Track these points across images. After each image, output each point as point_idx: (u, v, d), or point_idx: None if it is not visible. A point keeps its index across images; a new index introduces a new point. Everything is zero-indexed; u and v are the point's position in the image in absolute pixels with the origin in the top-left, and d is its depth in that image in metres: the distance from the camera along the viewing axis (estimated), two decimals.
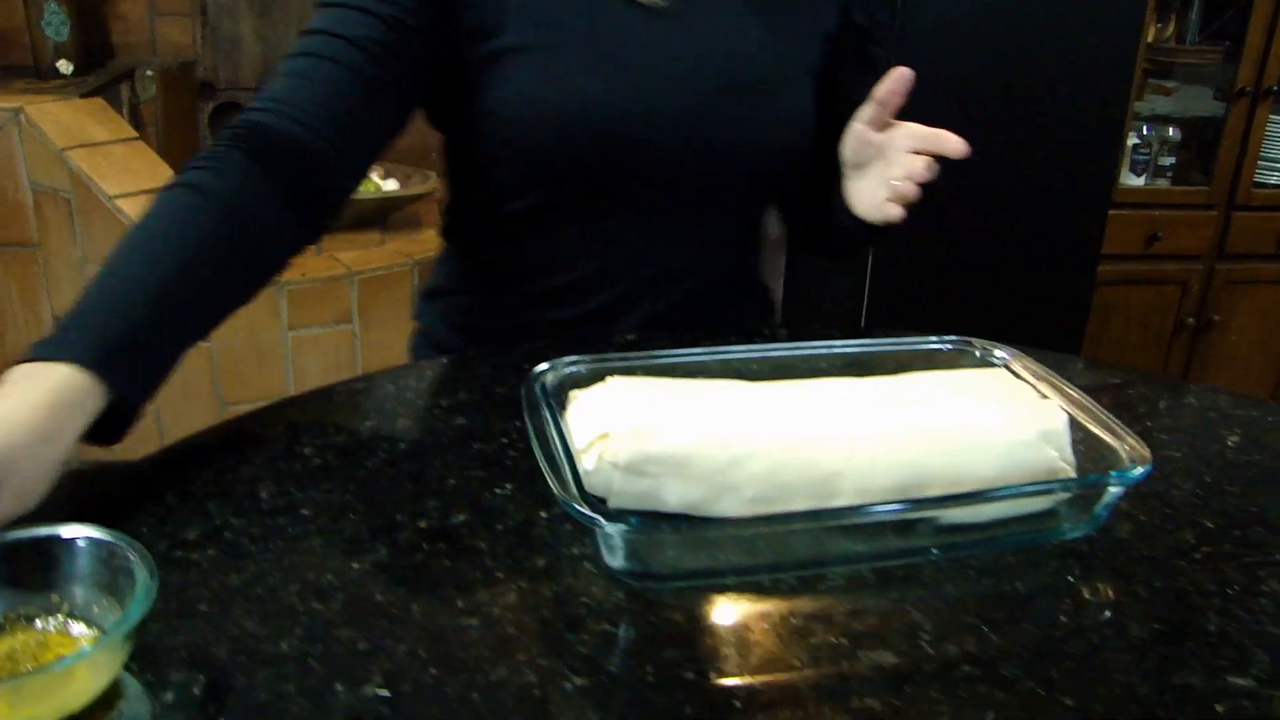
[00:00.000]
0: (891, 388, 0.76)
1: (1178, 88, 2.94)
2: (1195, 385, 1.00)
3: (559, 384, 0.76)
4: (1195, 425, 0.93)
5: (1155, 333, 2.97)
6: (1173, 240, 2.87)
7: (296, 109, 0.87)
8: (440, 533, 0.67)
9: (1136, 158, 2.81)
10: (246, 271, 0.83)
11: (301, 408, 0.83)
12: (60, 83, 2.37)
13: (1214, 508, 0.78)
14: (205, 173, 0.82)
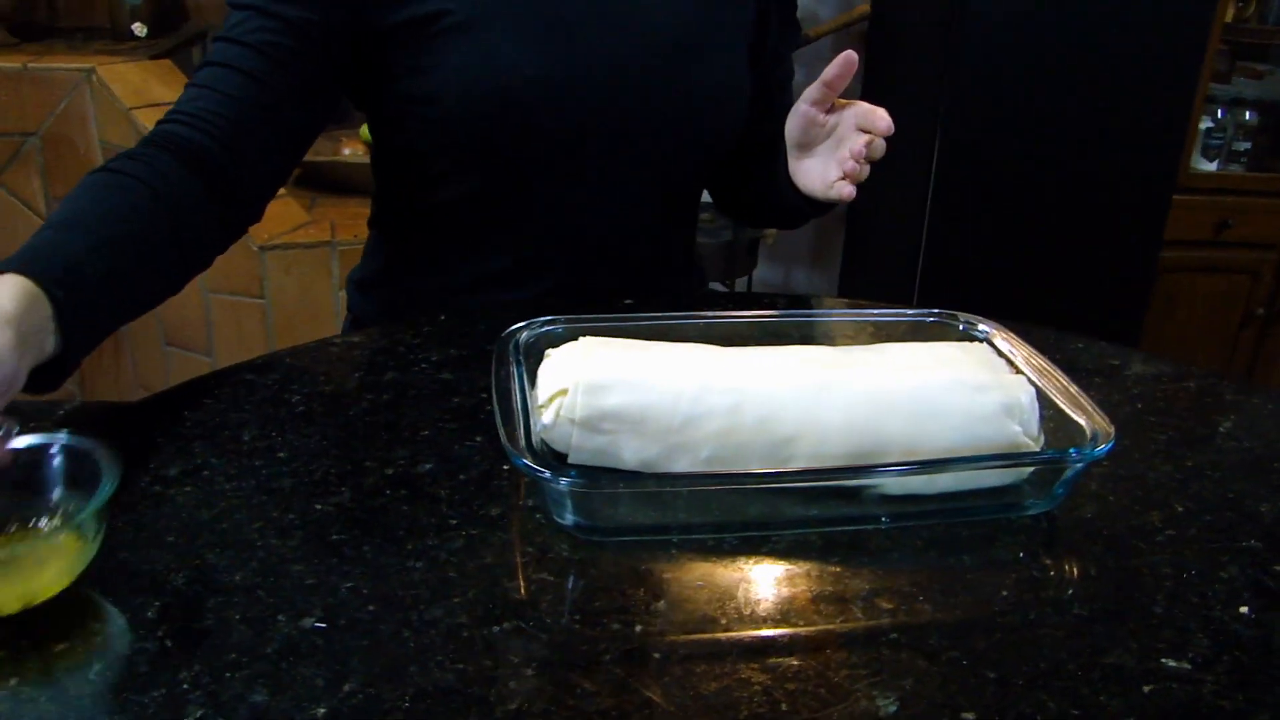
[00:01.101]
0: (857, 356, 0.77)
1: (1271, 71, 2.84)
2: (1195, 370, 0.98)
3: (535, 342, 0.78)
4: (1189, 409, 0.92)
5: (1221, 323, 2.90)
6: (1245, 228, 2.79)
7: (205, 122, 0.88)
8: (404, 479, 0.70)
9: (1209, 142, 2.74)
10: (179, 256, 0.84)
11: (298, 357, 0.86)
12: (134, 44, 2.44)
13: (1189, 491, 0.78)
14: (134, 163, 0.83)
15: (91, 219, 0.77)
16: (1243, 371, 2.97)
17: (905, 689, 0.56)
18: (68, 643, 0.55)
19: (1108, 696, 0.57)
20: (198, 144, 0.87)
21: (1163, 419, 0.89)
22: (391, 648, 0.55)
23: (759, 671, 0.56)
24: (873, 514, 0.70)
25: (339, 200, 2.29)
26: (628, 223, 1.08)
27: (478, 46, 0.94)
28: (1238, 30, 2.75)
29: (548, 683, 0.54)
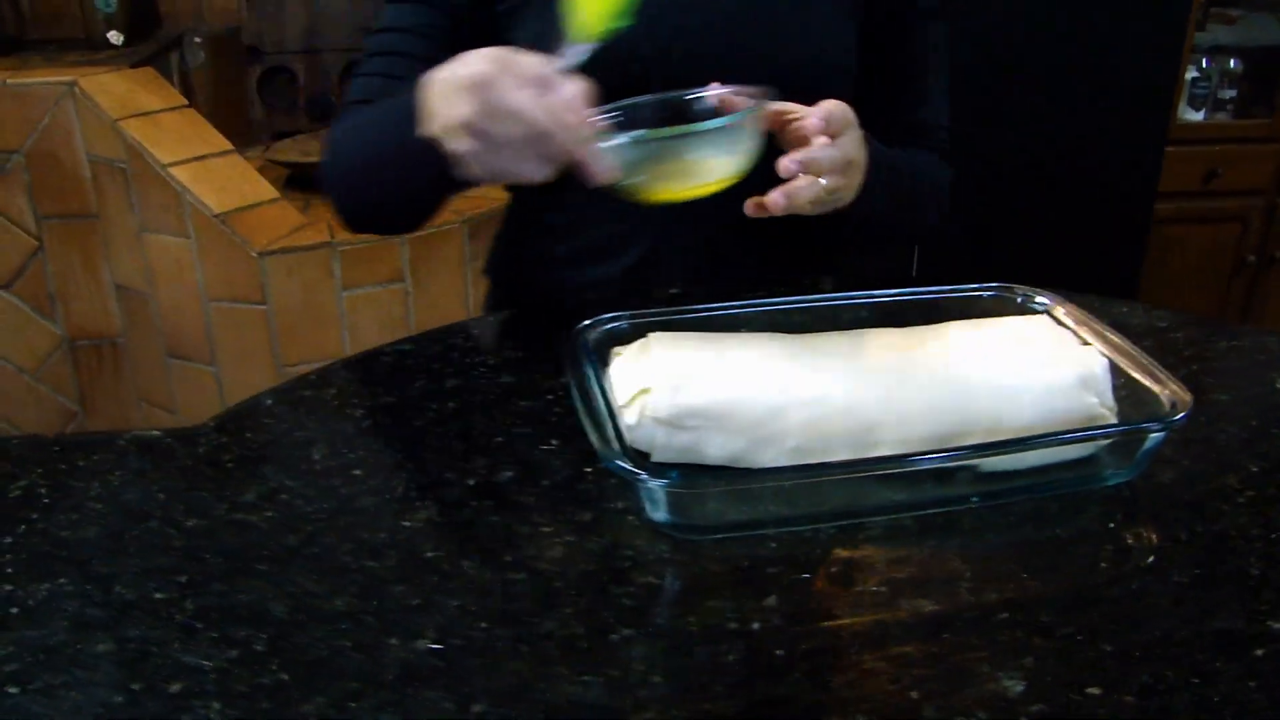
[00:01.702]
0: (930, 337, 0.76)
1: (1242, 16, 2.85)
2: (1243, 328, 0.99)
3: (601, 341, 0.77)
4: (1243, 368, 0.92)
5: (1214, 271, 2.91)
6: (1233, 176, 2.80)
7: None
8: (488, 489, 0.69)
9: (1195, 91, 2.74)
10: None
11: (352, 369, 0.85)
12: (111, 53, 2.40)
13: (1259, 450, 0.78)
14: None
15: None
16: (1237, 318, 2.99)
17: (1027, 667, 0.56)
18: (182, 682, 0.54)
19: (1223, 662, 0.57)
20: None
21: (1219, 379, 0.89)
22: (512, 665, 0.55)
23: (881, 660, 0.56)
24: (963, 494, 0.69)
25: None
26: (709, 206, 1.06)
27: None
28: None
29: (678, 688, 0.53)
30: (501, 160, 0.76)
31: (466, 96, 0.74)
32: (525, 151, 0.75)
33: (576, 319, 0.79)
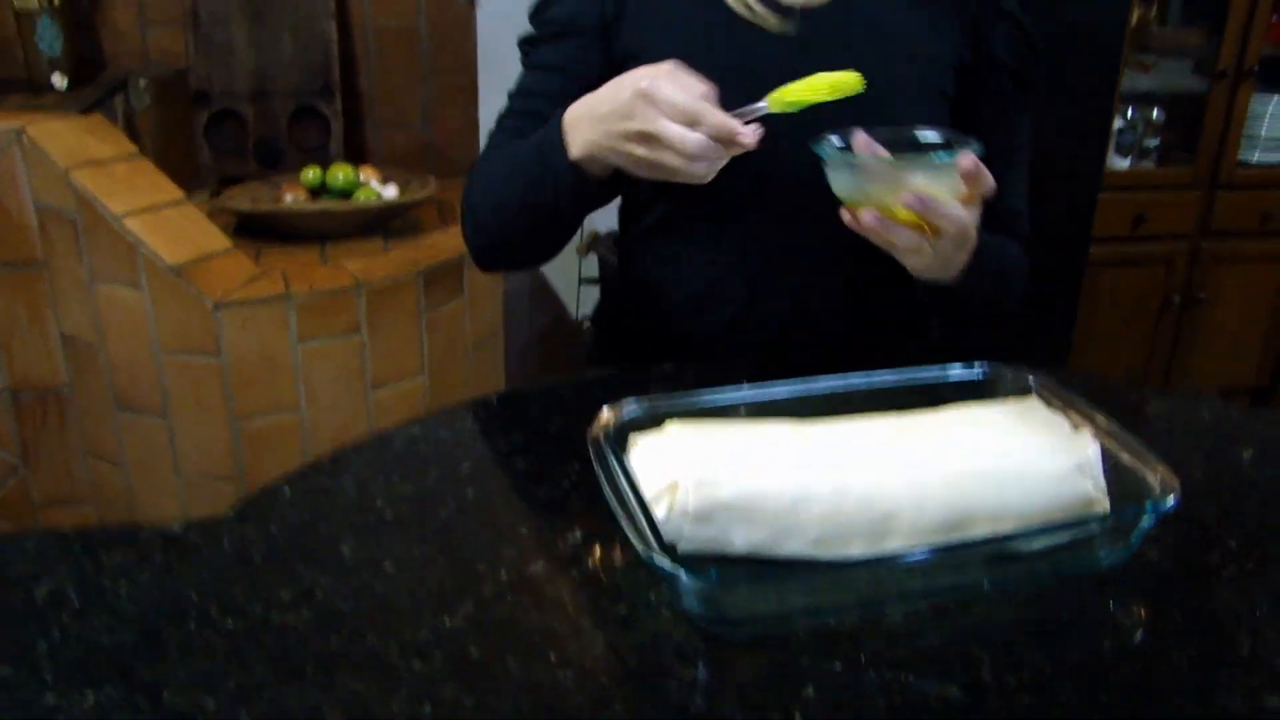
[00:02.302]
0: (934, 425, 0.80)
1: (1156, 63, 2.98)
2: (1208, 399, 1.04)
3: (619, 428, 0.79)
4: (1212, 442, 0.97)
5: (1143, 311, 3.03)
6: (1159, 220, 2.93)
7: None
8: (521, 584, 0.71)
9: (1122, 140, 2.86)
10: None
11: (364, 456, 0.86)
12: (56, 97, 2.37)
13: (1235, 526, 0.83)
14: None
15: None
16: (1165, 356, 3.11)
17: None
18: None
19: None
20: None
21: (1191, 454, 0.94)
22: None
23: None
24: (976, 580, 0.73)
25: (285, 249, 2.25)
26: (802, 265, 1.13)
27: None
28: (1137, 32, 2.87)
29: None
30: (662, 166, 0.90)
31: (621, 121, 0.90)
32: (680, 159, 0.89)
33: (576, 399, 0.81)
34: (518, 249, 1.14)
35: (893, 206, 0.88)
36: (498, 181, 1.08)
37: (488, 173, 1.10)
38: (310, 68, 2.58)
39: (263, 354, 2.06)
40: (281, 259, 2.20)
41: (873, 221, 0.90)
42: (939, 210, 0.88)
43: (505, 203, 1.07)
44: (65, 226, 2.09)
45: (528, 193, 1.03)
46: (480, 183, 1.11)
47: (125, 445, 2.22)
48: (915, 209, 0.87)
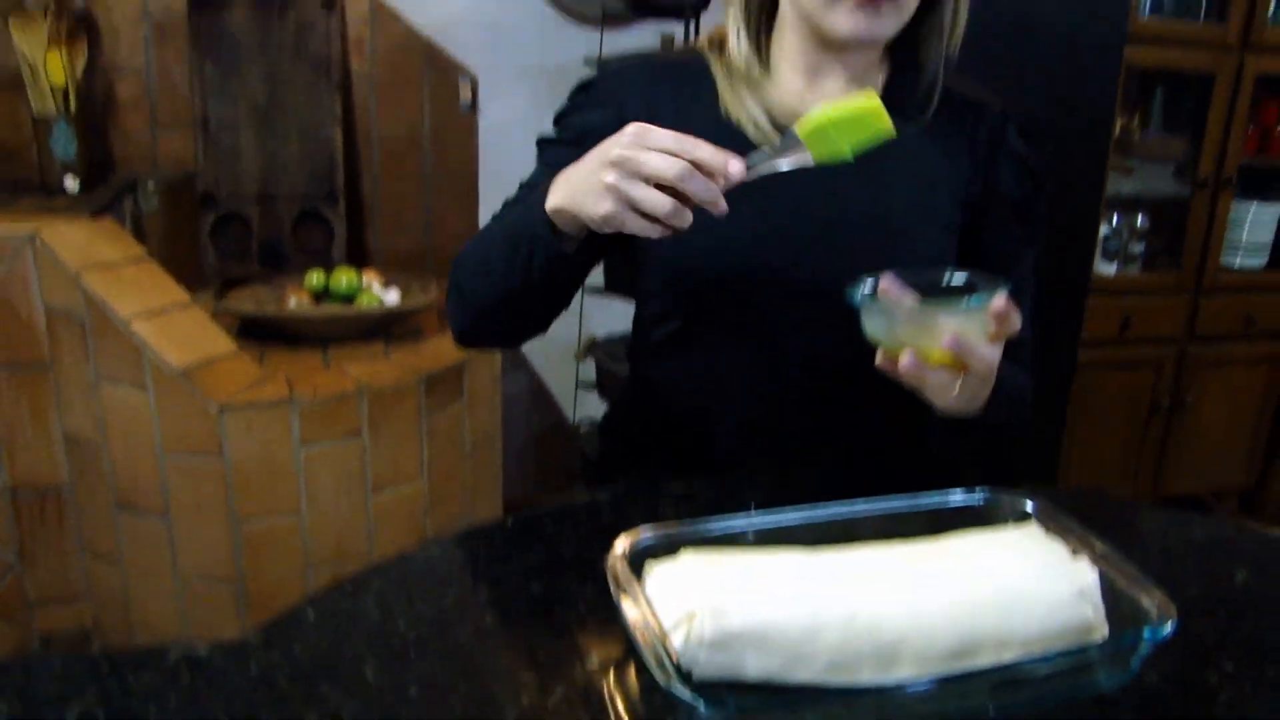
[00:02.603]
0: (938, 554, 0.83)
1: (1139, 166, 3.07)
2: (1200, 517, 1.07)
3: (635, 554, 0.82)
4: (1206, 560, 1.00)
5: (1132, 414, 3.08)
6: (1145, 325, 2.99)
7: None
8: (542, 712, 0.73)
9: (1108, 246, 2.94)
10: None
11: (385, 578, 0.88)
12: (68, 200, 2.42)
13: (1231, 646, 0.85)
14: None
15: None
16: (1154, 458, 3.14)
17: None
18: None
19: None
20: None
21: (1185, 573, 0.97)
22: None
23: None
24: (981, 705, 0.75)
25: (289, 352, 2.29)
26: (813, 386, 1.17)
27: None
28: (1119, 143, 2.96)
29: None
30: (643, 201, 0.89)
31: (609, 166, 0.90)
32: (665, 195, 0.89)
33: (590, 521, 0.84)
34: (495, 318, 1.13)
35: (926, 349, 0.91)
36: (482, 248, 1.10)
37: (474, 244, 1.12)
38: (315, 173, 2.64)
39: (265, 457, 2.08)
40: (285, 362, 2.23)
41: (911, 367, 0.92)
42: (974, 352, 0.91)
43: (487, 269, 1.08)
44: (73, 328, 2.13)
45: (508, 255, 1.04)
46: (466, 254, 1.13)
47: (124, 545, 2.23)
48: (955, 351, 0.91)
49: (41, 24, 2.34)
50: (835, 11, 1.07)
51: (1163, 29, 2.81)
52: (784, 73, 1.17)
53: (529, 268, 1.02)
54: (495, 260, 1.06)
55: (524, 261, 1.02)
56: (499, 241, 1.07)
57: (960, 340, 0.91)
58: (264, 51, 2.58)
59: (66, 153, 2.45)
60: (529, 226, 1.01)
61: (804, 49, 1.14)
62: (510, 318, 1.13)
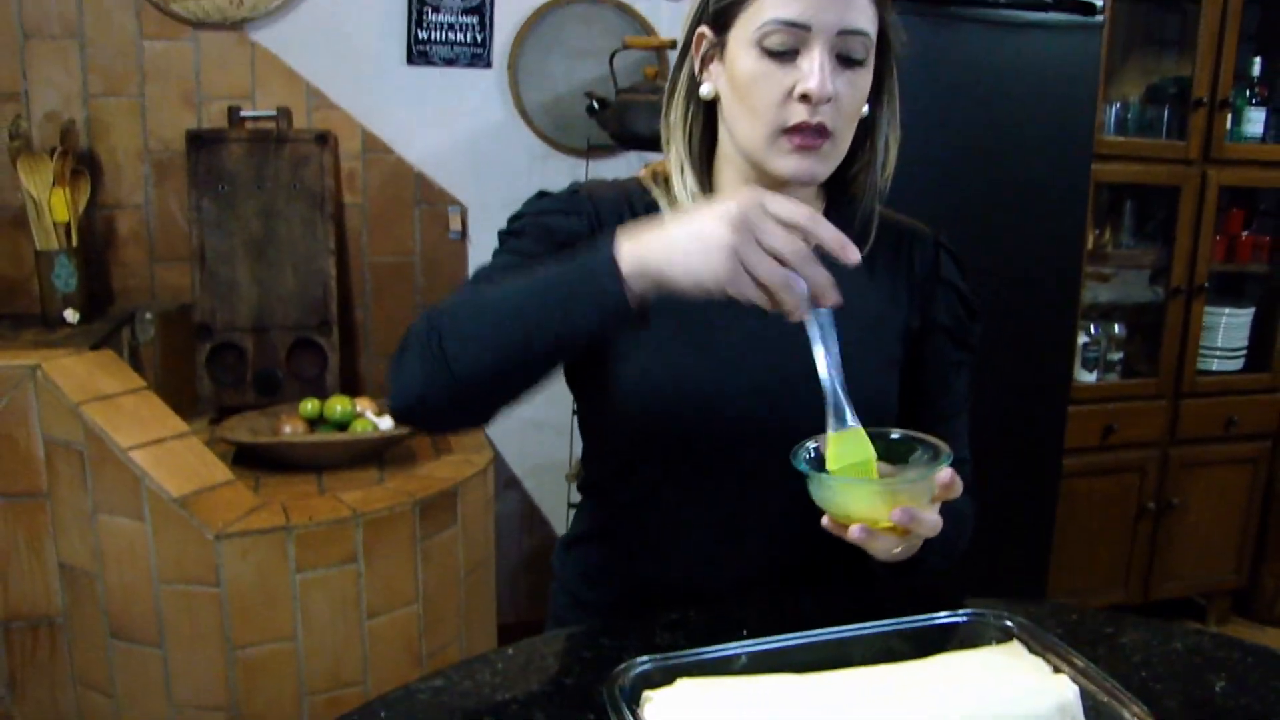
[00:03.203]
0: (927, 675, 0.86)
1: (1115, 273, 3.17)
2: (1180, 627, 1.10)
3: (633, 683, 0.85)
4: (1184, 671, 1.03)
5: (1120, 519, 3.11)
6: (1128, 430, 3.04)
7: None
8: None
9: (1087, 355, 3.00)
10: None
11: (393, 709, 0.91)
12: (68, 332, 2.47)
13: None
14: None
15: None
16: (1145, 562, 3.16)
17: None
18: None
19: None
20: None
21: (1165, 684, 1.00)
22: None
23: None
24: None
25: (284, 479, 2.32)
26: (767, 519, 1.17)
27: (654, 352, 1.10)
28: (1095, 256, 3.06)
29: None
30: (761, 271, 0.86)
31: (731, 225, 0.86)
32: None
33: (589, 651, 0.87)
34: (482, 387, 0.99)
35: (874, 519, 0.92)
36: (488, 308, 0.98)
37: (462, 306, 1.00)
38: (309, 302, 2.71)
39: (261, 584, 2.09)
40: (280, 489, 2.26)
41: (860, 535, 0.92)
42: (921, 521, 0.93)
43: (495, 329, 0.97)
44: (72, 458, 2.16)
45: (540, 311, 0.94)
46: (464, 304, 1.00)
47: (117, 675, 2.22)
48: (902, 523, 0.92)
49: (48, 164, 2.43)
50: (776, 152, 1.10)
51: (1127, 147, 2.92)
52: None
53: (571, 323, 0.93)
54: (509, 314, 0.96)
55: (564, 316, 0.93)
56: (518, 293, 0.96)
57: (910, 511, 0.91)
58: (260, 186, 2.67)
59: (67, 286, 2.51)
60: (585, 279, 0.92)
61: (743, 182, 1.18)
62: (502, 385, 1.00)
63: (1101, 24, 2.59)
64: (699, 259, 0.86)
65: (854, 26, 1.09)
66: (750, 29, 1.09)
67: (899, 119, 1.21)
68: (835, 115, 1.09)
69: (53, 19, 2.58)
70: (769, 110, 1.09)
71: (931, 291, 1.24)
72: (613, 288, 0.90)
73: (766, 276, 0.85)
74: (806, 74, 1.07)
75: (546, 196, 1.21)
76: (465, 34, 2.77)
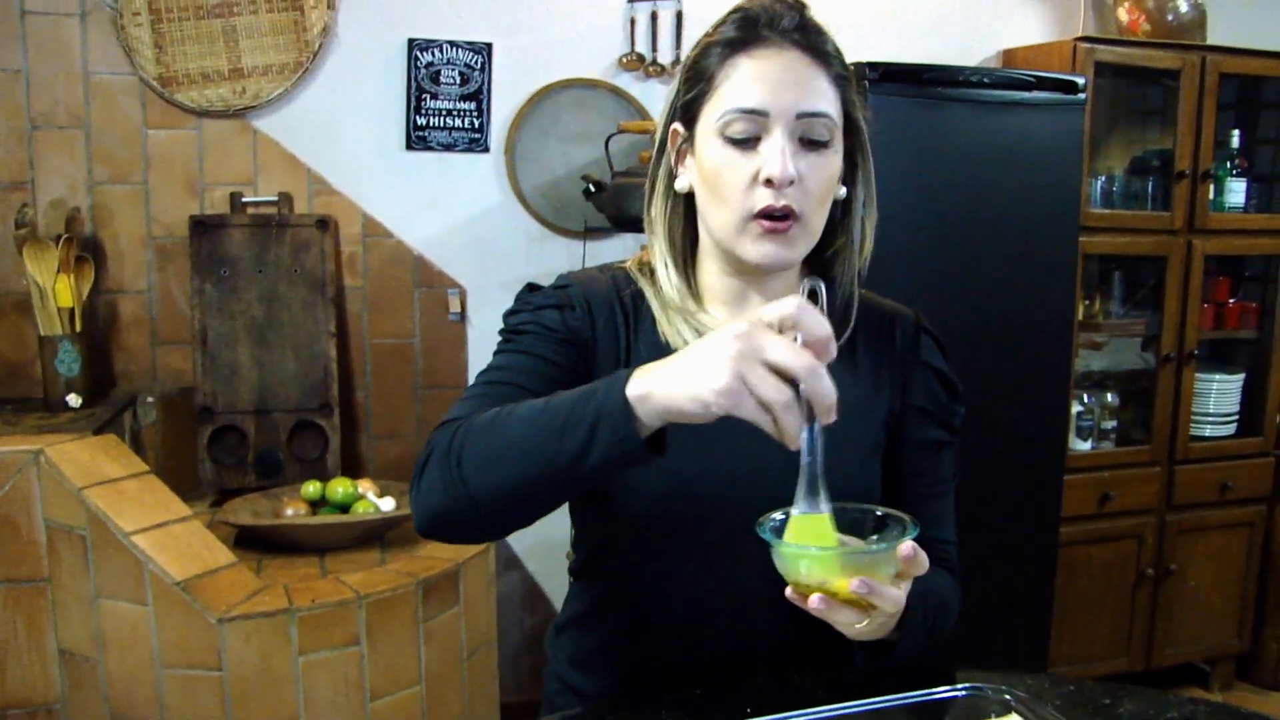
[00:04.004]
0: None
1: (1108, 341, 3.21)
2: (1176, 697, 1.12)
3: None
4: None
5: (1120, 585, 3.11)
6: (1124, 497, 3.06)
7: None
8: None
9: (1081, 424, 3.03)
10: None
11: None
12: (71, 416, 2.49)
13: None
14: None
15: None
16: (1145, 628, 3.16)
17: None
18: None
19: None
20: None
21: None
22: None
23: None
24: None
25: (286, 561, 2.32)
26: (752, 599, 1.16)
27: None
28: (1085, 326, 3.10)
29: None
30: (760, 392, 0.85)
31: (734, 340, 0.86)
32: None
33: None
34: (499, 506, 1.01)
35: (834, 588, 0.93)
36: (503, 433, 0.99)
37: (484, 429, 1.01)
38: (310, 385, 2.73)
39: (264, 667, 2.09)
40: (282, 571, 2.27)
41: (820, 605, 0.93)
42: (882, 594, 0.93)
43: (510, 454, 0.98)
44: (74, 543, 2.17)
45: (554, 439, 0.95)
46: (483, 428, 1.01)
47: None
48: (861, 594, 0.92)
49: (53, 251, 2.47)
50: (746, 238, 1.13)
51: (1113, 219, 2.98)
52: (710, 300, 1.23)
53: (583, 454, 0.93)
54: (525, 445, 0.97)
55: (578, 446, 0.93)
56: (535, 426, 0.97)
57: (868, 583, 0.92)
58: (261, 270, 2.71)
59: (70, 371, 2.53)
60: (595, 408, 0.92)
61: (725, 277, 1.21)
62: (518, 508, 1.02)
63: (1084, 101, 2.66)
64: (705, 378, 0.86)
65: (813, 109, 1.11)
66: (713, 120, 1.13)
67: (875, 200, 1.23)
68: (801, 197, 1.11)
69: (61, 109, 2.65)
70: (735, 197, 1.12)
71: (911, 373, 1.25)
72: (625, 430, 0.91)
73: (769, 395, 0.85)
74: (767, 159, 1.09)
75: (538, 291, 1.23)
76: (463, 119, 2.84)
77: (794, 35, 1.12)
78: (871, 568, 0.93)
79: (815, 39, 1.14)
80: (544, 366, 1.14)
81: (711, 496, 1.15)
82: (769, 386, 0.85)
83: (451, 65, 2.81)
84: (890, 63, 2.47)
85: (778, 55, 1.12)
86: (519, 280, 1.25)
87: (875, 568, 0.93)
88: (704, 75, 1.15)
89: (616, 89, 2.92)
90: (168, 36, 2.66)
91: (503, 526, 1.07)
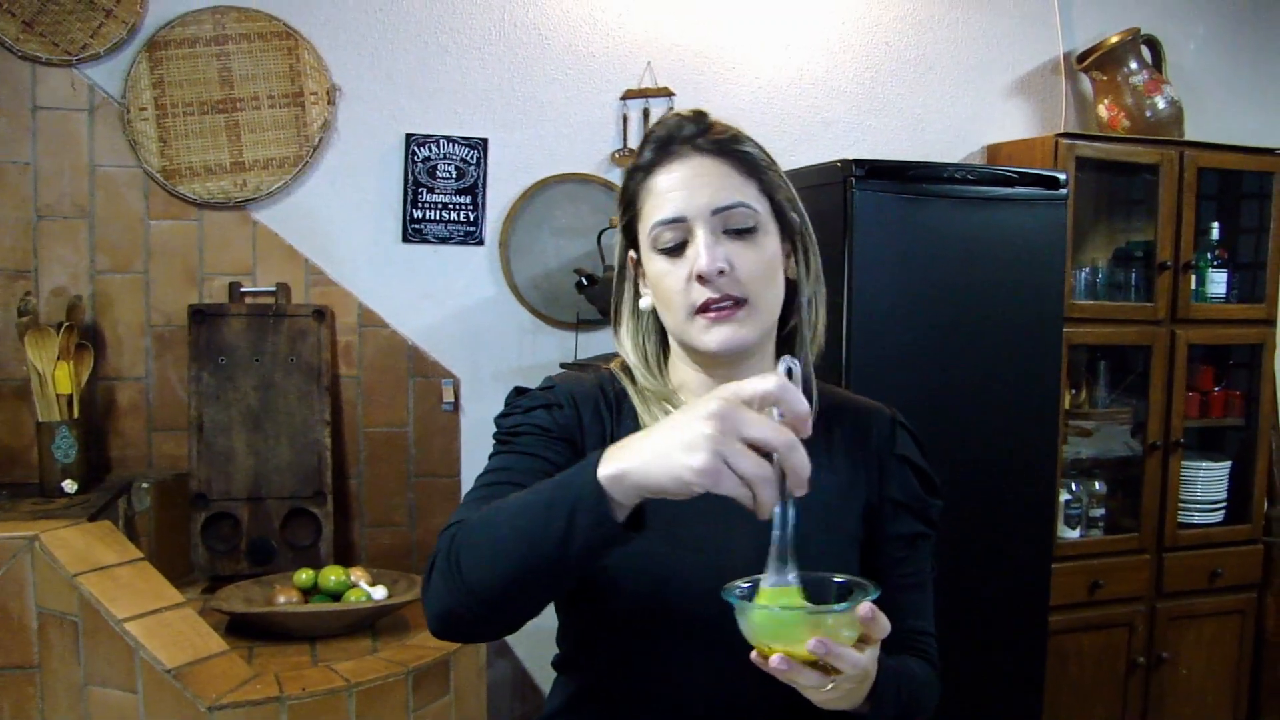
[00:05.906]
0: None
1: (1097, 428, 3.25)
2: None
3: None
4: None
5: (1111, 673, 3.10)
6: (1114, 585, 3.07)
7: None
8: None
9: (1070, 512, 3.05)
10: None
11: None
12: (66, 502, 2.50)
13: None
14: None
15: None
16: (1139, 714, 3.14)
17: None
18: None
19: None
20: None
21: None
22: None
23: None
24: None
25: (278, 649, 2.32)
26: (734, 684, 1.16)
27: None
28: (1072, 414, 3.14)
29: None
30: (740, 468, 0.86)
31: (709, 419, 0.87)
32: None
33: None
34: (499, 602, 1.03)
35: (794, 650, 0.95)
36: (491, 529, 1.02)
37: (478, 527, 1.04)
38: (304, 473, 2.76)
39: None
40: (274, 659, 2.26)
41: (780, 665, 0.94)
42: (841, 656, 0.95)
43: (500, 548, 1.00)
44: (65, 629, 2.17)
45: (537, 529, 0.96)
46: (477, 524, 1.04)
47: None
48: (819, 654, 0.93)
49: (54, 339, 2.50)
50: (697, 332, 1.19)
51: (1097, 310, 3.04)
52: (685, 395, 1.28)
53: (566, 540, 0.94)
54: (513, 538, 0.99)
55: (560, 533, 0.94)
56: (520, 518, 0.99)
57: (825, 643, 0.93)
58: (258, 359, 2.75)
59: (67, 457, 2.55)
60: (571, 495, 0.94)
61: (695, 371, 1.27)
62: (517, 600, 1.03)
63: (1066, 196, 2.72)
64: (680, 458, 0.87)
65: (727, 203, 1.18)
66: (647, 238, 1.22)
67: (820, 276, 1.29)
68: (738, 283, 1.18)
69: (66, 200, 2.71)
70: (677, 300, 1.19)
71: (888, 466, 1.29)
72: (601, 512, 0.92)
73: (749, 471, 0.86)
74: (694, 258, 1.17)
75: (525, 394, 1.29)
76: (458, 213, 2.90)
77: (697, 142, 1.21)
78: (833, 629, 0.95)
79: (721, 141, 1.21)
80: (540, 465, 1.19)
81: (689, 592, 1.16)
82: (749, 463, 0.86)
83: (448, 160, 2.89)
84: (876, 160, 2.53)
85: (685, 164, 1.20)
86: (512, 371, 1.30)
87: (836, 629, 0.95)
88: (632, 200, 1.25)
89: (609, 184, 2.99)
90: (172, 131, 2.73)
91: (507, 620, 1.07)
